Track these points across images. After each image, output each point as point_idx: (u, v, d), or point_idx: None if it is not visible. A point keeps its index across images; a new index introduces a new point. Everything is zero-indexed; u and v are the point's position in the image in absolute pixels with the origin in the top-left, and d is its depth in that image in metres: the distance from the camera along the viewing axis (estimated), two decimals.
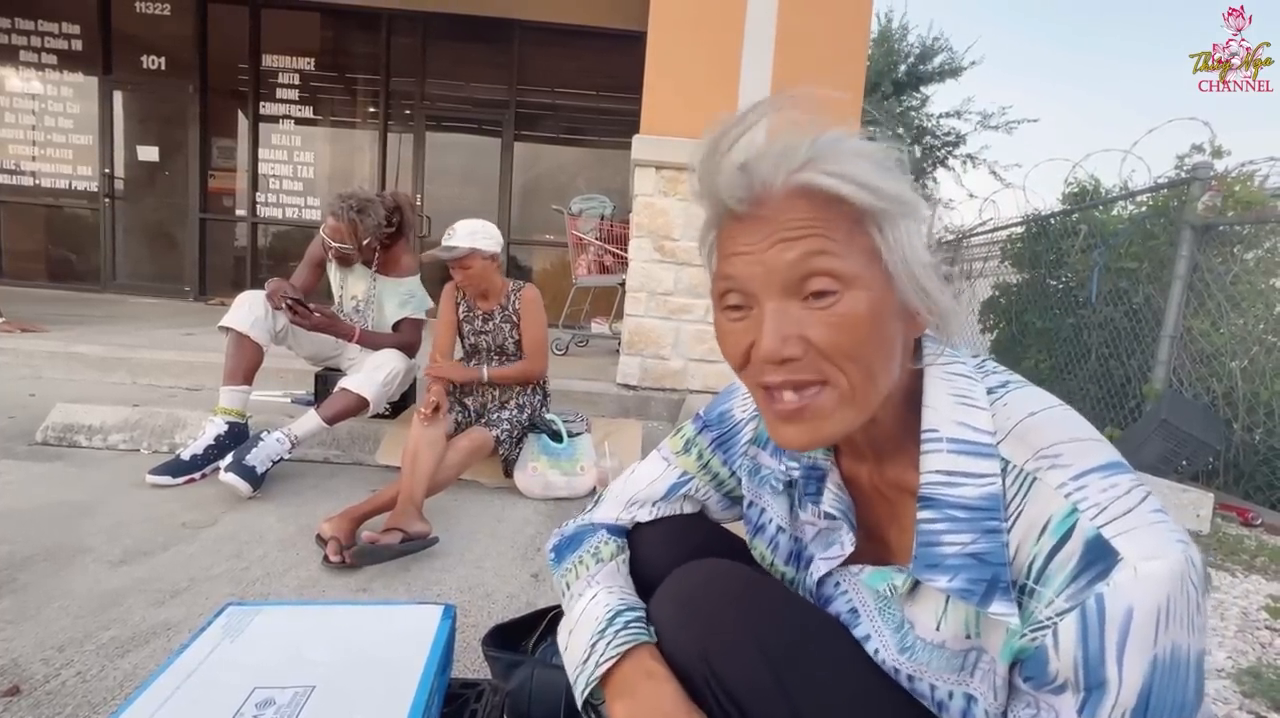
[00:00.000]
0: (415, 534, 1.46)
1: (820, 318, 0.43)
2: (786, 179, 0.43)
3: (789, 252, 0.43)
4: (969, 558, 0.43)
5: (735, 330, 0.47)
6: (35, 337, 3.17)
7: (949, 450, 0.45)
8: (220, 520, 1.60)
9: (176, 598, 1.24)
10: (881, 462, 0.52)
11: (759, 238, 0.44)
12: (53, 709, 0.91)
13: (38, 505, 1.60)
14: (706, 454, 0.68)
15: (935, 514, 0.45)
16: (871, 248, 0.44)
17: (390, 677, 0.58)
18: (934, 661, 0.47)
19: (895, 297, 0.45)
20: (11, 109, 5.64)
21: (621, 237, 3.87)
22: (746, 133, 0.45)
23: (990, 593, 0.42)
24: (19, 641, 1.06)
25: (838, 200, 0.43)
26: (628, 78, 4.59)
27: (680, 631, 0.48)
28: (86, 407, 2.18)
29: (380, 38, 5.49)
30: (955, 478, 0.44)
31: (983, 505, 0.43)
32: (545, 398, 2.15)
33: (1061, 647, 0.38)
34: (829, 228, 0.43)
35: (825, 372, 0.44)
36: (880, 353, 0.44)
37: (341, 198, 2.03)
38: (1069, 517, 0.40)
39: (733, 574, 0.52)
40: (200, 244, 5.73)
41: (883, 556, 0.53)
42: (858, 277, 0.43)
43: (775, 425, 0.47)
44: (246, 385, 1.94)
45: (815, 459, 0.57)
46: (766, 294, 0.44)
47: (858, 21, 2.92)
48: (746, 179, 0.44)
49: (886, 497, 0.52)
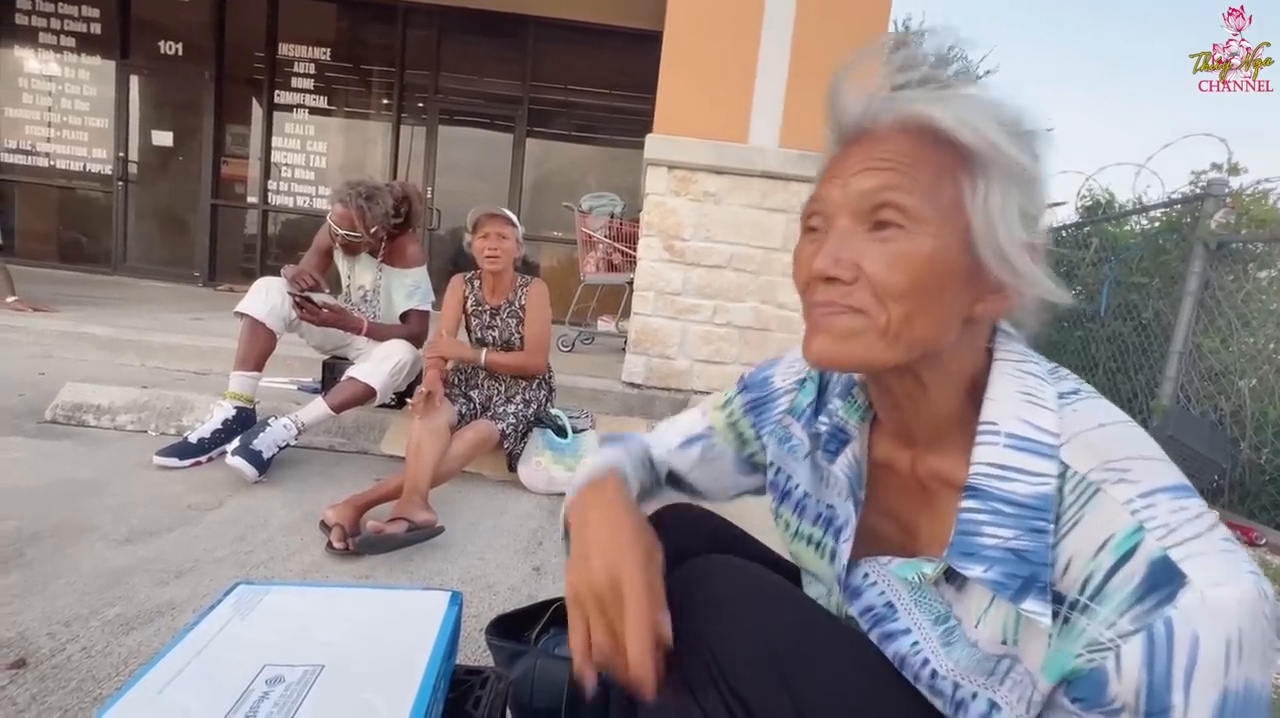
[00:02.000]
0: (421, 524, 1.47)
1: (878, 250, 0.43)
2: (898, 108, 0.44)
3: (869, 180, 0.43)
4: (1008, 553, 0.42)
5: (806, 252, 0.48)
6: (46, 316, 3.19)
7: (1005, 445, 0.44)
8: (226, 504, 1.61)
9: (181, 578, 1.24)
10: (926, 449, 0.51)
11: (853, 163, 0.45)
12: (58, 682, 0.92)
13: (46, 483, 1.61)
14: (737, 414, 0.68)
15: (980, 505, 0.43)
16: (956, 201, 0.43)
17: (398, 659, 0.58)
18: (964, 658, 0.46)
19: (967, 258, 0.43)
20: (29, 90, 5.68)
21: (631, 235, 3.87)
22: (852, 70, 0.47)
23: (1026, 590, 0.40)
24: (25, 614, 1.07)
25: (939, 141, 0.43)
26: (642, 77, 4.59)
27: (684, 624, 0.47)
28: (95, 387, 2.19)
29: (395, 30, 5.51)
30: (1008, 473, 0.43)
31: (1032, 504, 0.42)
32: (550, 393, 2.16)
33: (1125, 671, 0.36)
34: (917, 166, 0.43)
35: (867, 305, 0.44)
36: (929, 304, 0.43)
37: (349, 185, 2.04)
38: (1133, 534, 0.38)
39: (740, 571, 0.51)
40: (211, 230, 5.76)
41: (910, 546, 0.52)
42: (928, 221, 0.42)
43: (807, 339, 0.47)
44: (257, 372, 1.95)
45: (846, 423, 0.56)
46: (838, 217, 0.45)
47: (875, 27, 2.92)
48: (861, 103, 0.46)
49: (925, 486, 0.51)
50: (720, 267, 2.88)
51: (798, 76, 2.83)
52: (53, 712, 0.86)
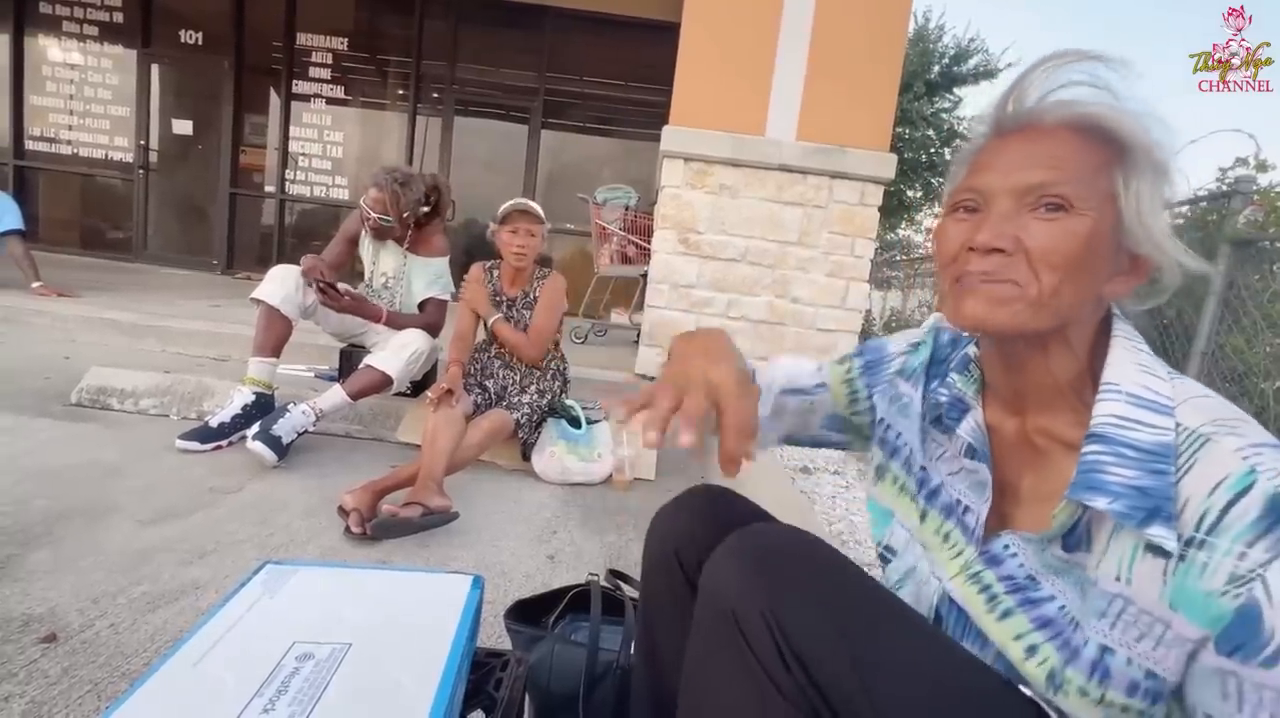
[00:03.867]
0: (436, 509, 1.49)
1: (1041, 226, 0.48)
2: (1067, 108, 0.49)
3: (1037, 174, 0.48)
4: (1132, 489, 0.45)
5: (957, 230, 0.52)
6: (69, 302, 3.25)
7: (1127, 401, 0.48)
8: (246, 487, 1.64)
9: (204, 559, 1.27)
10: (1039, 412, 0.54)
11: (1015, 156, 0.50)
12: (87, 657, 0.94)
13: (73, 464, 1.65)
14: (855, 372, 0.73)
15: (1103, 448, 0.47)
16: (1110, 192, 0.48)
17: (423, 640, 0.59)
18: (1081, 598, 0.48)
19: (1112, 240, 0.48)
20: (53, 79, 5.76)
21: (645, 228, 3.86)
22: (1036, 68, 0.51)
23: (1151, 518, 0.43)
24: (55, 590, 1.10)
25: (1101, 138, 0.48)
26: (658, 69, 4.56)
27: (745, 585, 0.48)
28: (119, 371, 2.23)
29: (413, 20, 5.52)
30: (1129, 423, 0.47)
31: (1154, 450, 0.45)
32: (565, 384, 2.17)
33: (1274, 594, 0.38)
34: (1080, 161, 0.48)
35: (1022, 277, 0.48)
36: (1079, 279, 0.48)
37: (386, 170, 2.06)
38: (1247, 476, 0.41)
39: (797, 536, 0.52)
40: (229, 219, 5.82)
41: (1008, 507, 0.56)
42: (1090, 208, 0.47)
43: (956, 302, 0.51)
44: (274, 358, 1.97)
45: (964, 395, 0.60)
46: (999, 198, 0.50)
47: (895, 20, 2.88)
48: (1023, 104, 0.51)
49: (1033, 443, 0.55)
50: (735, 260, 2.88)
51: (816, 69, 2.81)
52: (83, 685, 0.89)
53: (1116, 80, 0.49)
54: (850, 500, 2.04)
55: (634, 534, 1.66)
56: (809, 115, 2.82)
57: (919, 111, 9.66)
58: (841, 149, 2.79)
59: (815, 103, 2.81)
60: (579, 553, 1.51)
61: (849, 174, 2.81)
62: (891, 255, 7.30)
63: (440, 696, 0.53)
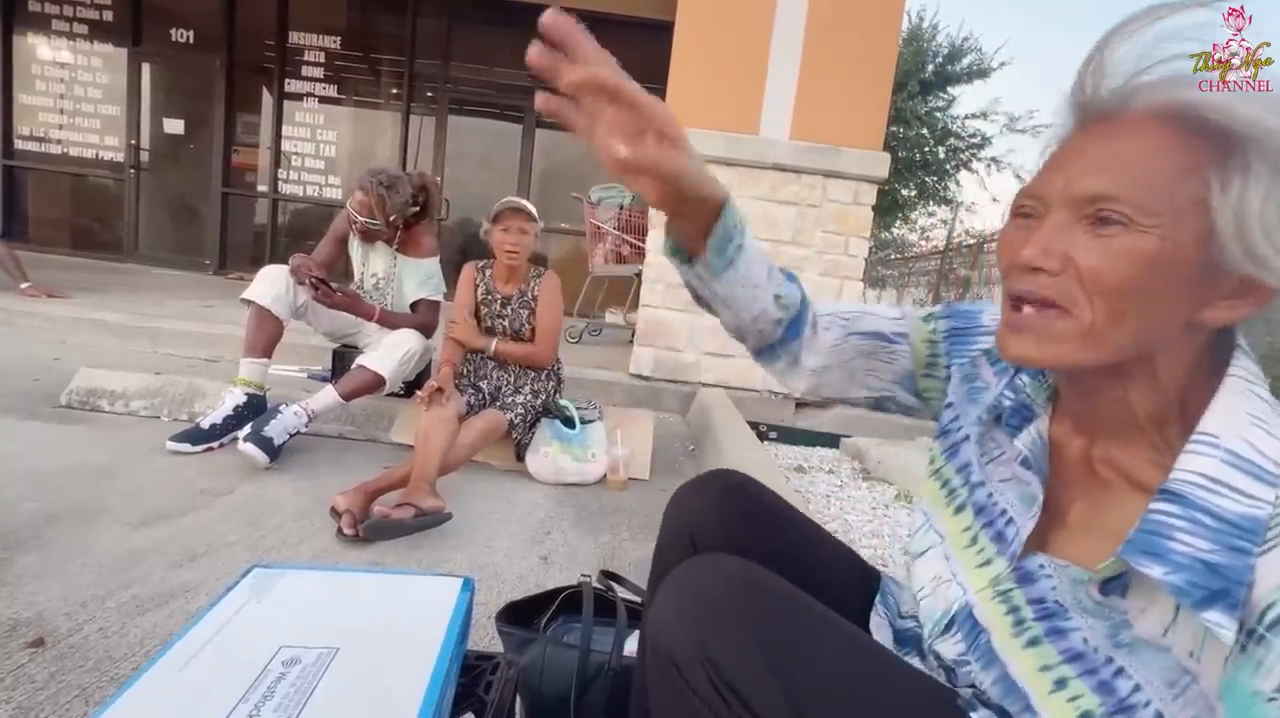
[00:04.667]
0: (429, 510, 1.48)
1: (1094, 244, 0.41)
2: (1157, 92, 0.41)
3: (1101, 181, 0.41)
4: (1200, 563, 0.39)
5: (1014, 239, 0.47)
6: (60, 302, 3.22)
7: (1223, 460, 0.40)
8: (237, 489, 1.63)
9: (195, 562, 1.26)
10: (1111, 442, 0.49)
11: (1088, 154, 0.43)
12: (75, 662, 0.93)
13: (62, 466, 1.63)
14: (939, 334, 0.65)
15: (1177, 509, 0.40)
16: (1200, 198, 0.40)
17: (412, 643, 0.59)
18: (1155, 664, 0.43)
19: (1199, 258, 0.40)
20: (42, 78, 5.72)
21: (639, 227, 3.86)
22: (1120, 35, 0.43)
23: (1212, 601, 0.38)
24: (43, 594, 1.09)
25: (1198, 130, 0.40)
26: (653, 68, 4.54)
27: (681, 632, 0.48)
28: (109, 372, 2.21)
29: (406, 19, 5.50)
30: (1219, 487, 0.40)
31: (1240, 523, 0.39)
32: (559, 384, 2.16)
33: None
34: (1161, 162, 0.40)
35: (1072, 297, 0.42)
36: (1143, 304, 0.41)
37: (371, 173, 2.04)
38: None
39: (731, 574, 0.51)
40: (222, 218, 5.79)
41: (1051, 528, 0.51)
42: (1159, 220, 0.40)
43: (1004, 334, 0.47)
44: (266, 359, 1.96)
45: (1033, 402, 0.54)
46: (1056, 207, 0.44)
47: (889, 18, 2.89)
48: (1106, 85, 0.43)
49: (1096, 472, 0.49)
50: None
51: (810, 68, 2.81)
52: (70, 690, 0.88)
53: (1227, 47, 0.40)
54: (844, 500, 2.04)
55: (628, 535, 1.65)
56: (802, 114, 2.82)
57: (913, 110, 9.70)
58: (835, 148, 2.79)
59: (809, 102, 2.81)
60: (573, 554, 1.51)
61: (843, 173, 2.81)
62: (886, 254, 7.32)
63: (429, 699, 0.53)
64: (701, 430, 2.49)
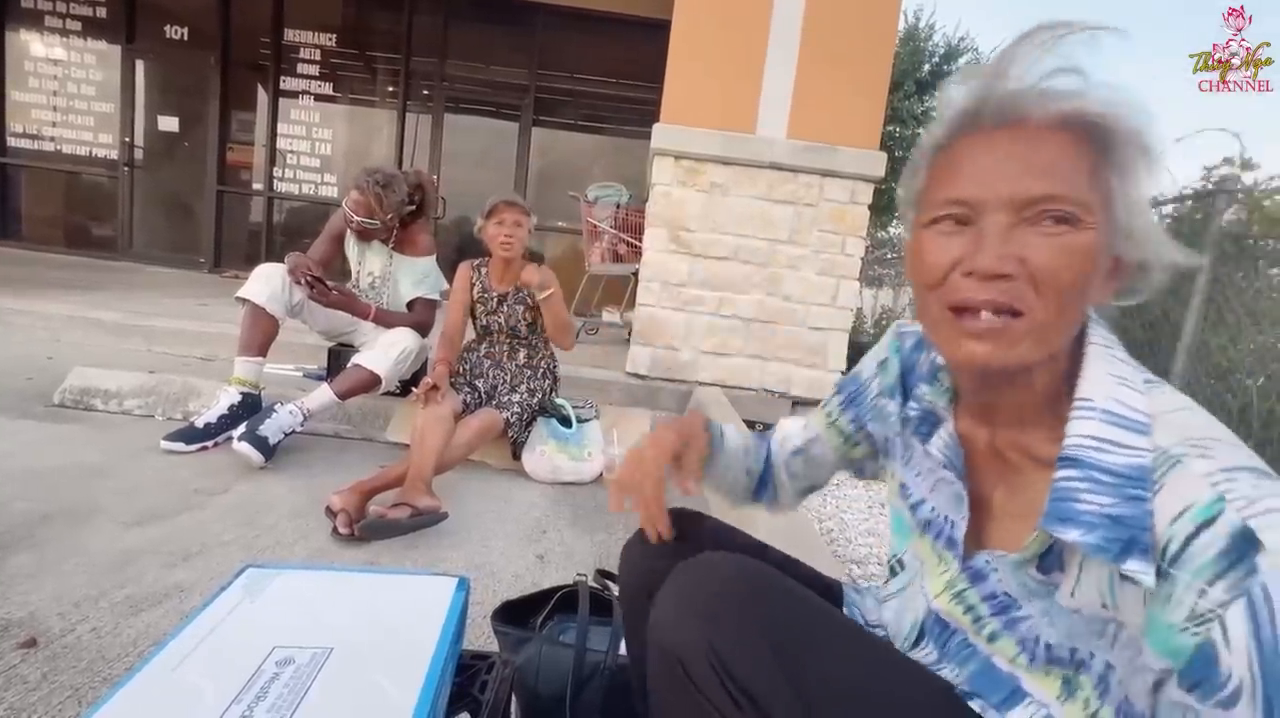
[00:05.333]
0: (424, 509, 1.48)
1: (1047, 243, 0.43)
2: (1056, 104, 0.44)
3: (1037, 184, 0.43)
4: (1106, 518, 0.42)
5: (943, 245, 0.47)
6: (55, 300, 3.20)
7: (1101, 419, 0.44)
8: (232, 489, 1.62)
9: (189, 562, 1.26)
10: (1012, 426, 0.51)
11: (1002, 158, 0.45)
12: (69, 662, 0.93)
13: (55, 465, 1.62)
14: (835, 413, 0.72)
15: (1077, 473, 0.44)
16: (1106, 193, 0.44)
17: (406, 643, 0.58)
18: (1075, 627, 0.46)
19: (1108, 248, 0.45)
20: (35, 74, 5.68)
21: (636, 226, 3.86)
22: (1007, 60, 0.46)
23: (1127, 551, 0.41)
24: (36, 594, 1.08)
25: (1088, 137, 0.44)
26: (649, 66, 4.56)
27: (686, 630, 0.48)
28: (103, 371, 2.20)
29: (402, 16, 5.48)
30: (1104, 444, 0.44)
31: (1130, 474, 0.42)
32: (555, 383, 2.16)
33: (1233, 640, 0.36)
34: (1075, 165, 0.44)
35: (1027, 300, 0.44)
36: (1079, 297, 0.45)
37: (367, 172, 2.03)
38: (1214, 504, 0.38)
39: (734, 572, 0.52)
40: (217, 216, 5.77)
41: (984, 522, 0.54)
42: (1092, 217, 0.43)
43: (960, 340, 0.47)
44: (261, 357, 1.95)
45: (935, 407, 0.57)
46: (994, 211, 0.45)
47: (885, 17, 2.89)
48: (1001, 101, 0.45)
49: (1005, 458, 0.52)
50: (726, 258, 2.87)
51: (807, 67, 2.81)
52: (63, 691, 0.87)
53: (1101, 65, 0.45)
54: (841, 499, 2.05)
55: (624, 533, 1.65)
56: (800, 113, 2.82)
57: (909, 110, 9.71)
58: (832, 147, 2.79)
59: (806, 101, 2.81)
60: (569, 553, 1.51)
61: (839, 172, 2.81)
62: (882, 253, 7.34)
63: (424, 699, 0.53)
64: None
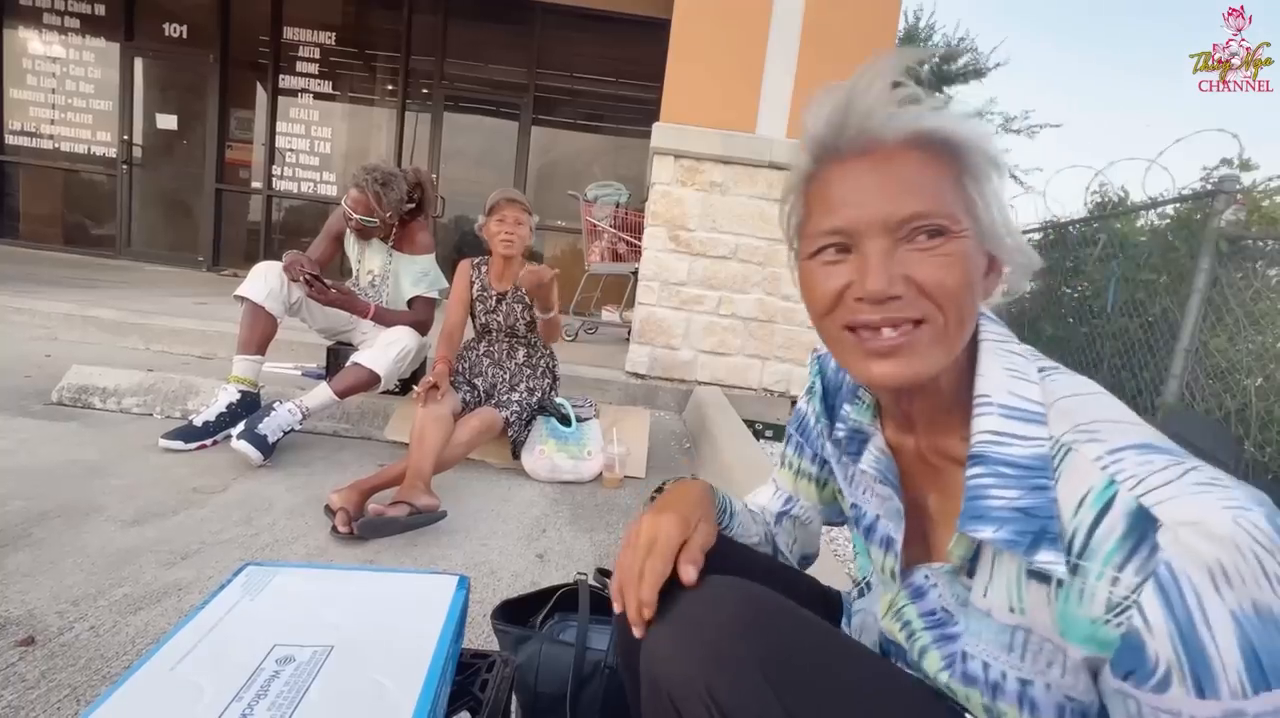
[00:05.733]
0: (423, 508, 1.48)
1: (926, 258, 0.45)
2: (897, 127, 0.46)
3: (907, 203, 0.45)
4: (1016, 512, 0.43)
5: (829, 273, 0.49)
6: (53, 298, 3.19)
7: (999, 414, 0.46)
8: (230, 487, 1.62)
9: (187, 560, 1.25)
10: (929, 431, 0.53)
11: (868, 184, 0.47)
12: (66, 660, 0.93)
13: (53, 464, 1.62)
14: (794, 460, 0.72)
15: (984, 470, 0.45)
16: (967, 201, 0.47)
17: (407, 642, 0.58)
18: (984, 632, 0.47)
19: (982, 252, 0.48)
20: (33, 72, 5.66)
21: (636, 225, 3.86)
22: (857, 87, 0.48)
23: (1037, 543, 0.42)
24: (34, 593, 1.08)
25: (943, 151, 0.46)
26: (649, 65, 4.55)
27: (679, 665, 0.46)
28: (101, 369, 2.20)
29: (401, 15, 5.47)
30: (1004, 438, 0.45)
31: (1031, 464, 0.44)
32: (554, 382, 2.16)
33: (1153, 624, 0.36)
34: (936, 179, 0.46)
35: (924, 310, 0.46)
36: (971, 300, 0.47)
37: (366, 170, 2.03)
38: (1107, 488, 0.39)
39: (737, 602, 0.49)
40: (215, 215, 5.76)
41: (921, 525, 0.54)
42: (959, 223, 0.46)
43: (866, 362, 0.48)
44: (260, 356, 1.95)
45: (861, 424, 0.58)
46: (871, 236, 0.46)
47: (885, 17, 2.89)
48: (857, 126, 0.47)
49: (931, 463, 0.53)
50: (725, 257, 2.87)
51: (807, 66, 2.81)
52: (61, 689, 0.87)
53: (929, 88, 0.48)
54: None
55: (624, 532, 1.65)
56: (800, 113, 2.82)
57: None
58: None
59: (806, 100, 2.80)
60: (568, 552, 1.50)
61: None
62: None
63: (424, 697, 0.52)
64: (697, 428, 2.49)
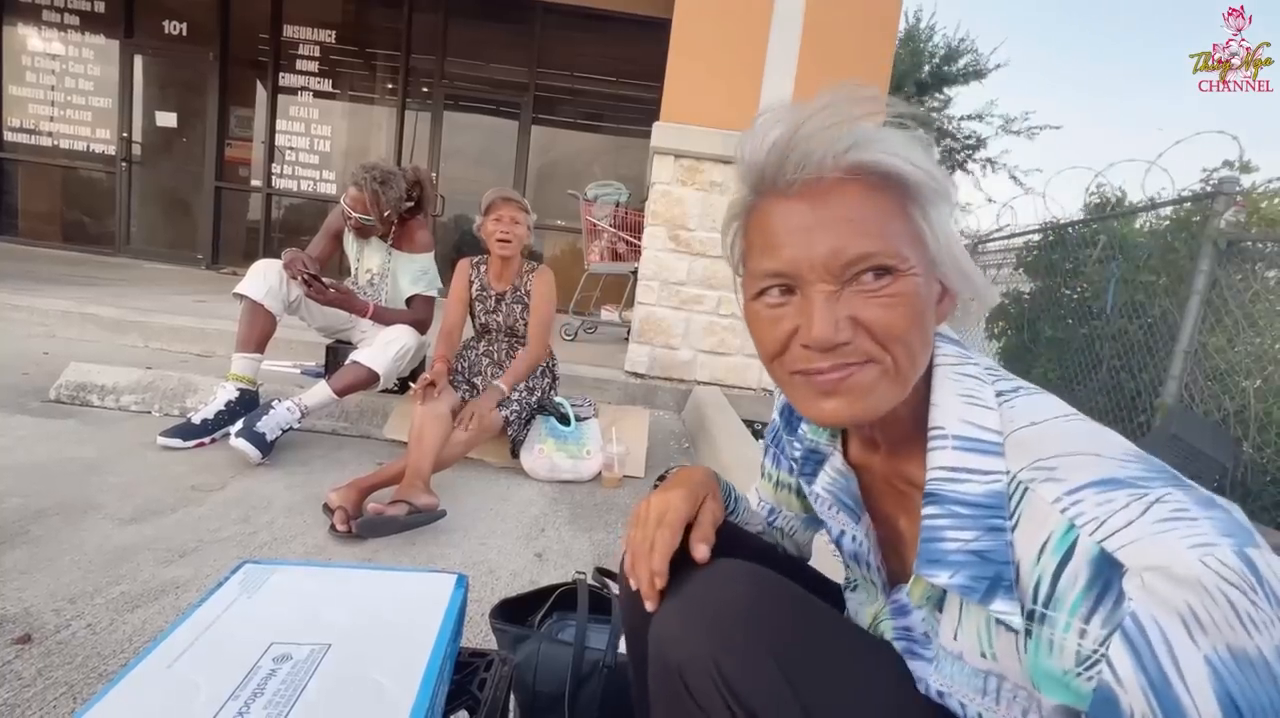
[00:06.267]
0: (422, 507, 1.47)
1: (872, 300, 0.43)
2: (839, 159, 0.43)
3: (847, 241, 0.43)
4: (971, 555, 0.41)
5: (775, 317, 0.46)
6: (52, 296, 3.19)
7: (954, 447, 0.44)
8: (229, 485, 1.62)
9: (185, 558, 1.25)
10: (892, 454, 0.51)
11: (809, 223, 0.44)
12: (63, 658, 0.92)
13: (50, 461, 1.61)
14: (772, 471, 0.71)
15: (939, 510, 0.44)
16: (914, 232, 0.45)
17: (404, 640, 0.58)
18: (957, 675, 0.46)
19: (933, 281, 0.46)
20: (33, 69, 5.65)
21: (635, 224, 3.86)
22: (798, 117, 0.45)
23: (993, 591, 0.40)
24: (31, 590, 1.07)
25: (888, 183, 0.44)
26: (649, 65, 4.55)
27: (689, 642, 0.47)
28: (100, 367, 2.19)
29: (402, 14, 5.47)
30: (959, 474, 0.43)
31: (986, 503, 0.42)
32: (554, 381, 2.16)
33: (1123, 677, 0.34)
34: (880, 213, 0.44)
35: (871, 353, 0.44)
36: (922, 335, 0.45)
37: (364, 168, 2.03)
38: (1068, 533, 0.37)
39: (747, 582, 0.50)
40: (215, 213, 5.75)
41: (897, 544, 0.53)
42: (906, 261, 0.44)
43: (817, 402, 0.46)
44: (259, 354, 1.95)
45: (817, 443, 0.57)
46: (814, 279, 0.44)
47: (886, 18, 2.89)
48: (798, 159, 0.44)
49: (896, 488, 0.52)
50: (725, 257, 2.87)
51: (807, 67, 2.81)
52: (58, 687, 0.87)
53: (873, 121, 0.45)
54: None
55: (622, 532, 1.65)
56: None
57: None
58: None
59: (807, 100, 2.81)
60: (567, 551, 1.50)
61: None
62: None
63: (422, 696, 0.52)
64: (696, 428, 2.48)
